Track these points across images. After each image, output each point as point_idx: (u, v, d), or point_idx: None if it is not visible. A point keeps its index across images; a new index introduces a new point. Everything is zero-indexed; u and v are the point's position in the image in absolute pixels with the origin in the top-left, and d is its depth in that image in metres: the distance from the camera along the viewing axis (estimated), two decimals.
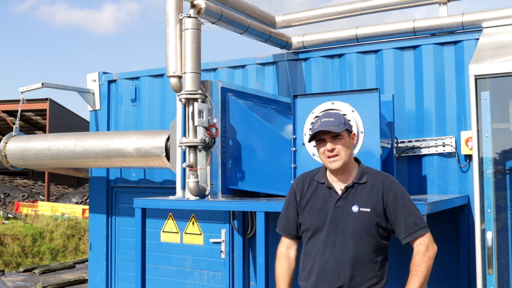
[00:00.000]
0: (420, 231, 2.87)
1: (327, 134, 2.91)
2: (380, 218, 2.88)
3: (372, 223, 2.87)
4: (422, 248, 2.85)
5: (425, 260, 2.83)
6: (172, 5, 4.36)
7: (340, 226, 2.88)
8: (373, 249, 2.87)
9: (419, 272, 2.82)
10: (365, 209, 2.87)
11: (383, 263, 2.94)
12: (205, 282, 5.70)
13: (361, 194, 2.91)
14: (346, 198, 2.92)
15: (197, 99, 4.23)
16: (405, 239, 2.88)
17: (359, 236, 2.86)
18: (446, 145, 4.69)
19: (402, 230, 2.88)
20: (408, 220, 2.87)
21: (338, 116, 2.98)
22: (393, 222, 2.90)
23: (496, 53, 4.06)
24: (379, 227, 2.89)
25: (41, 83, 6.29)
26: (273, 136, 4.37)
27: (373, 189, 2.92)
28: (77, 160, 5.72)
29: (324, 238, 2.91)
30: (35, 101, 23.39)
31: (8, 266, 12.97)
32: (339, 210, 2.90)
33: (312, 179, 3.07)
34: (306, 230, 3.00)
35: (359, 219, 2.87)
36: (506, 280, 3.66)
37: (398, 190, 2.94)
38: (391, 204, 2.89)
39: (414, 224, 2.87)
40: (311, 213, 2.98)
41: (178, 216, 5.90)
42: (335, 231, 2.88)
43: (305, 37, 5.45)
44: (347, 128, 2.94)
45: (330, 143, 2.90)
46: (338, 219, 2.89)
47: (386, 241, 2.95)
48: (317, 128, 2.92)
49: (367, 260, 2.86)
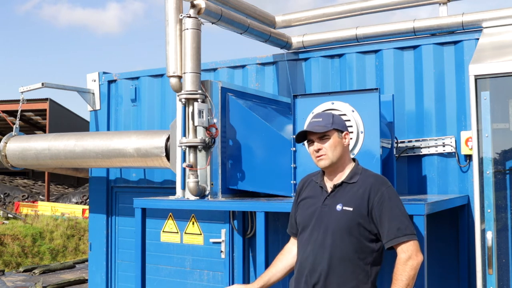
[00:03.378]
0: (402, 238, 2.74)
1: (314, 135, 2.93)
2: (363, 219, 2.81)
3: (353, 222, 2.80)
4: (403, 256, 2.72)
5: (406, 270, 2.69)
6: (172, 5, 4.36)
7: (323, 224, 2.87)
8: (354, 249, 2.79)
9: (399, 281, 2.68)
10: (347, 208, 2.83)
11: (369, 267, 2.82)
12: (205, 282, 5.70)
13: (348, 193, 2.88)
14: (333, 196, 2.91)
15: (197, 99, 4.23)
16: (387, 243, 2.78)
17: (339, 235, 2.81)
18: (446, 145, 4.69)
19: (384, 234, 2.78)
20: (391, 224, 2.76)
21: (327, 117, 2.97)
22: (378, 225, 2.81)
23: (496, 53, 4.06)
24: (361, 228, 2.80)
25: (41, 83, 6.29)
26: (273, 136, 4.37)
27: (360, 189, 2.86)
28: (77, 160, 5.72)
29: (308, 235, 2.92)
30: (35, 101, 23.38)
31: (8, 266, 12.98)
32: (325, 208, 2.90)
33: (311, 179, 3.11)
34: (298, 227, 3.05)
35: (340, 217, 2.83)
36: (506, 280, 3.65)
37: (387, 193, 2.83)
38: (377, 206, 2.80)
39: (397, 230, 2.75)
40: (302, 210, 3.03)
41: (178, 216, 5.90)
42: (318, 229, 2.88)
43: (305, 37, 5.45)
44: (335, 127, 2.91)
45: (317, 143, 2.92)
46: (322, 216, 2.89)
47: (372, 244, 2.83)
48: (302, 129, 2.99)
49: (346, 260, 2.79)
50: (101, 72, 6.61)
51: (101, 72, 6.61)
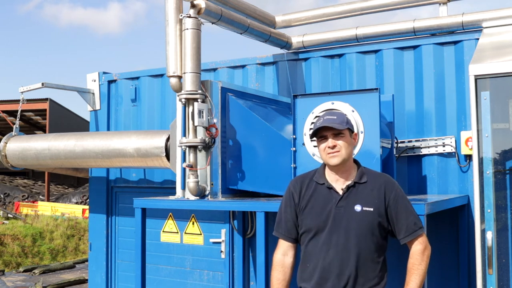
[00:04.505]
0: (419, 231, 2.91)
1: (329, 131, 2.93)
2: (382, 218, 2.90)
3: (375, 222, 2.88)
4: (420, 247, 2.89)
5: (424, 259, 2.87)
6: (172, 5, 4.36)
7: (342, 226, 2.88)
8: (375, 248, 2.89)
9: (420, 270, 2.85)
10: (368, 209, 2.89)
11: (383, 264, 2.95)
12: (205, 282, 5.70)
13: (363, 193, 2.93)
14: (347, 197, 2.92)
15: (197, 99, 4.23)
16: (405, 238, 2.90)
17: (363, 236, 2.86)
18: (446, 145, 4.69)
19: (402, 230, 2.90)
20: (409, 219, 2.91)
21: (341, 115, 3.02)
22: (393, 222, 2.92)
23: (496, 53, 4.06)
24: (380, 227, 2.90)
25: (41, 83, 6.29)
26: (273, 136, 4.37)
27: (374, 189, 2.93)
28: (77, 160, 5.72)
29: (326, 239, 2.90)
30: (35, 101, 23.40)
31: (8, 266, 12.98)
32: (341, 209, 2.90)
33: (310, 180, 3.06)
34: (307, 231, 2.98)
35: (362, 218, 2.87)
36: (506, 280, 3.65)
37: (399, 190, 2.99)
38: (393, 204, 2.91)
39: (414, 224, 2.92)
40: (312, 213, 2.97)
41: (178, 216, 5.90)
42: (337, 231, 2.88)
43: (305, 37, 5.45)
44: (349, 127, 2.97)
45: (332, 140, 2.92)
46: (340, 218, 2.89)
47: (384, 242, 2.97)
48: (320, 124, 2.94)
49: (369, 260, 2.88)
50: (101, 72, 6.61)
51: (101, 72, 6.61)
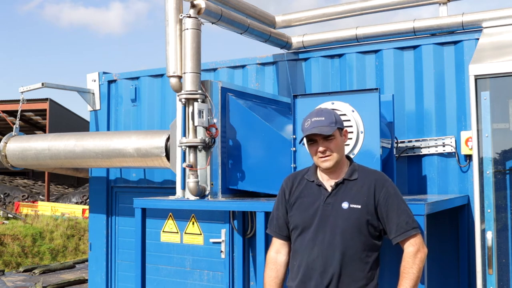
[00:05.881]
0: (411, 231, 2.78)
1: (318, 135, 2.83)
2: (371, 216, 2.80)
3: (362, 220, 2.79)
4: (412, 249, 2.76)
5: (416, 262, 2.74)
6: (172, 5, 4.36)
7: (329, 223, 2.80)
8: (363, 247, 2.79)
9: (411, 274, 2.71)
10: (355, 206, 2.79)
11: (374, 265, 2.83)
12: (205, 282, 5.70)
13: (351, 190, 2.84)
14: (336, 194, 2.85)
15: (197, 99, 4.23)
16: (396, 238, 2.79)
17: (349, 233, 2.77)
18: (446, 145, 4.69)
19: (393, 229, 2.79)
20: (400, 218, 2.79)
21: (329, 115, 2.87)
22: (384, 220, 2.81)
23: (496, 53, 4.06)
24: (369, 225, 2.80)
25: (41, 83, 6.29)
26: (273, 136, 4.37)
27: (364, 186, 2.84)
28: (77, 160, 5.72)
29: (312, 236, 2.83)
30: (35, 101, 23.40)
31: (8, 266, 12.98)
32: (328, 206, 2.83)
33: (301, 178, 3.01)
34: (294, 228, 2.93)
35: (349, 215, 2.79)
36: (506, 280, 3.65)
37: (391, 188, 2.86)
38: (383, 202, 2.81)
39: (406, 223, 2.78)
40: (299, 210, 2.91)
41: (178, 216, 5.90)
42: (323, 228, 2.81)
43: (305, 37, 5.45)
44: (338, 126, 2.87)
45: (322, 145, 2.83)
46: (327, 216, 2.82)
47: (377, 241, 2.86)
48: (308, 130, 2.84)
49: (356, 259, 2.78)
50: (101, 72, 6.61)
51: (101, 72, 6.61)
